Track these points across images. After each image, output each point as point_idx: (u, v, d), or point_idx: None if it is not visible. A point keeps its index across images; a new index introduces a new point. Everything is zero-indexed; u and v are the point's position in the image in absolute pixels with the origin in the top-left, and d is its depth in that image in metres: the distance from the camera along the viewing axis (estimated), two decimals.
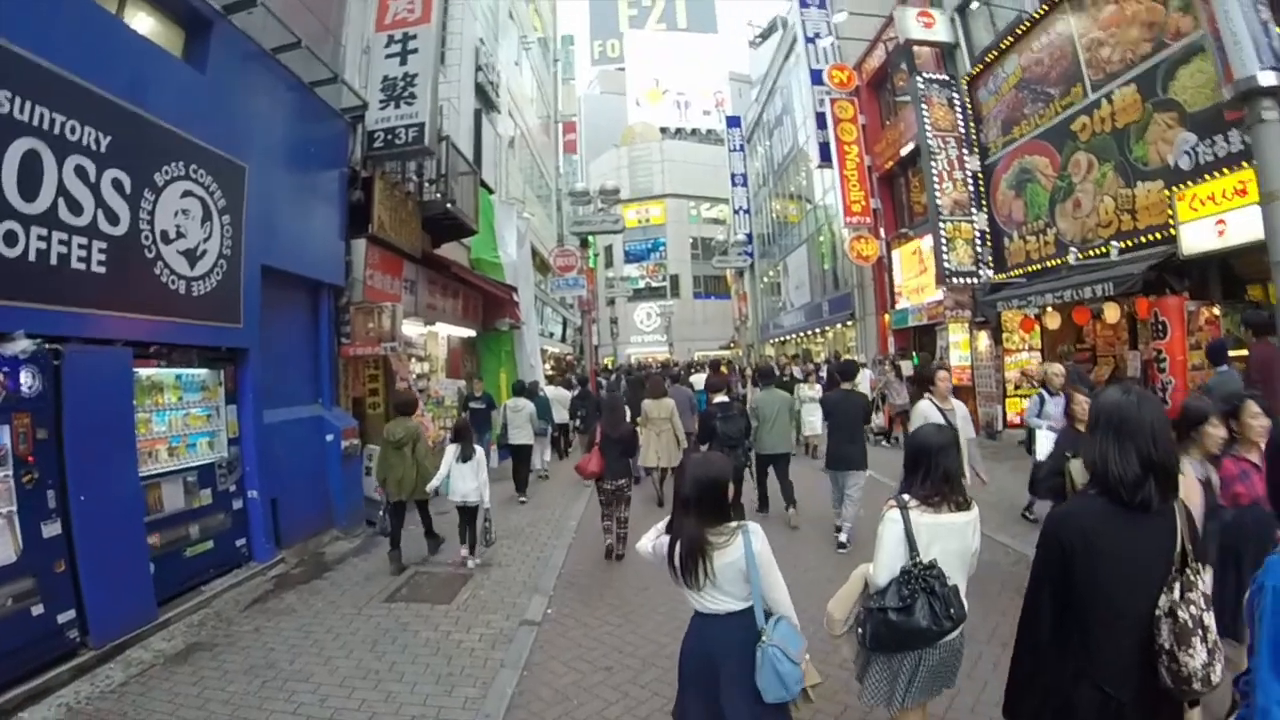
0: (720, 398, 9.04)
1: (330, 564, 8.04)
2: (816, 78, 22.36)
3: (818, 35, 22.80)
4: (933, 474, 3.03)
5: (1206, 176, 9.50)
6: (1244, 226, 8.84)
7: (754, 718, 2.86)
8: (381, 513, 7.75)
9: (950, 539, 2.99)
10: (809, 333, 31.38)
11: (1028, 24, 13.09)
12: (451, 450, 7.58)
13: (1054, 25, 12.58)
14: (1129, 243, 10.96)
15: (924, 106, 15.27)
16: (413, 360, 12.29)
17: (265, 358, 7.96)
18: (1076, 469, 4.51)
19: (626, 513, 8.09)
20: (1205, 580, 2.26)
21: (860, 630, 3.03)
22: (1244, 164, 8.88)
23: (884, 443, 14.77)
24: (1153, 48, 10.52)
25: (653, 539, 3.18)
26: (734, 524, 2.94)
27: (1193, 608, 2.16)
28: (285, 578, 7.51)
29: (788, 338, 34.80)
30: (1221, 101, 9.15)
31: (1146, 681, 2.21)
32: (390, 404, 10.27)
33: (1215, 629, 2.18)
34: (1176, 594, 2.18)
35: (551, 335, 28.22)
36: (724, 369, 16.91)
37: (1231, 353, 8.00)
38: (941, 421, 6.01)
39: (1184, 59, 9.97)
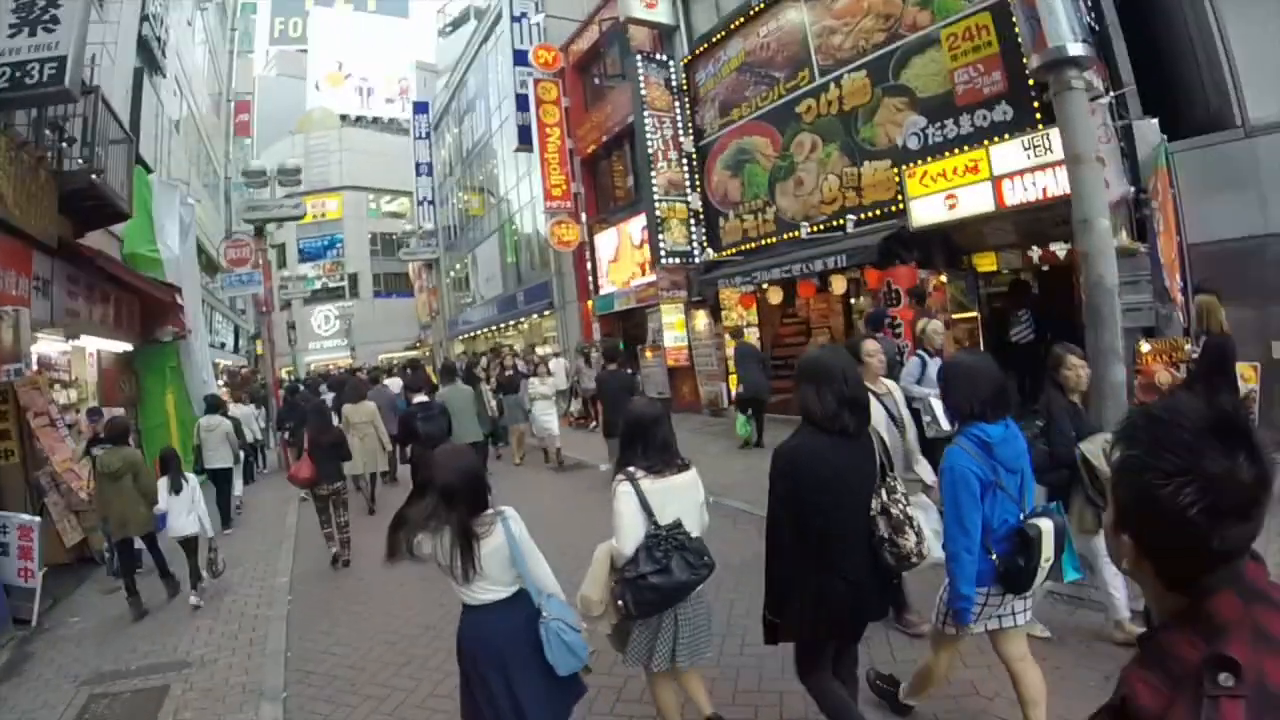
0: (420, 397, 8.43)
1: None
2: (521, 59, 20.18)
3: (524, 15, 20.63)
4: (651, 444, 3.02)
5: (937, 156, 9.36)
6: (974, 200, 8.84)
7: (550, 697, 2.76)
8: (107, 554, 6.64)
9: (681, 498, 3.02)
10: (499, 326, 28.88)
11: (756, 9, 12.23)
12: (163, 484, 6.42)
13: (783, 13, 11.97)
14: (860, 217, 10.46)
15: (641, 86, 13.88)
16: (55, 387, 8.55)
17: None
18: (1095, 451, 3.59)
19: (347, 516, 7.38)
20: (901, 484, 2.92)
21: (621, 602, 2.93)
22: (973, 145, 8.91)
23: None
24: (887, 38, 10.24)
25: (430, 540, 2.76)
26: (492, 511, 2.78)
27: (899, 505, 2.79)
28: None
29: (478, 333, 31.76)
30: (952, 88, 9.31)
31: (873, 565, 2.79)
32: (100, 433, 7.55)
33: (917, 520, 2.82)
34: (885, 496, 2.79)
35: (223, 346, 22.67)
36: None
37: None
38: (883, 415, 3.91)
39: (919, 49, 9.80)
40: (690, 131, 14.17)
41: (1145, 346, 7.38)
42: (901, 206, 9.78)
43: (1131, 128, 7.74)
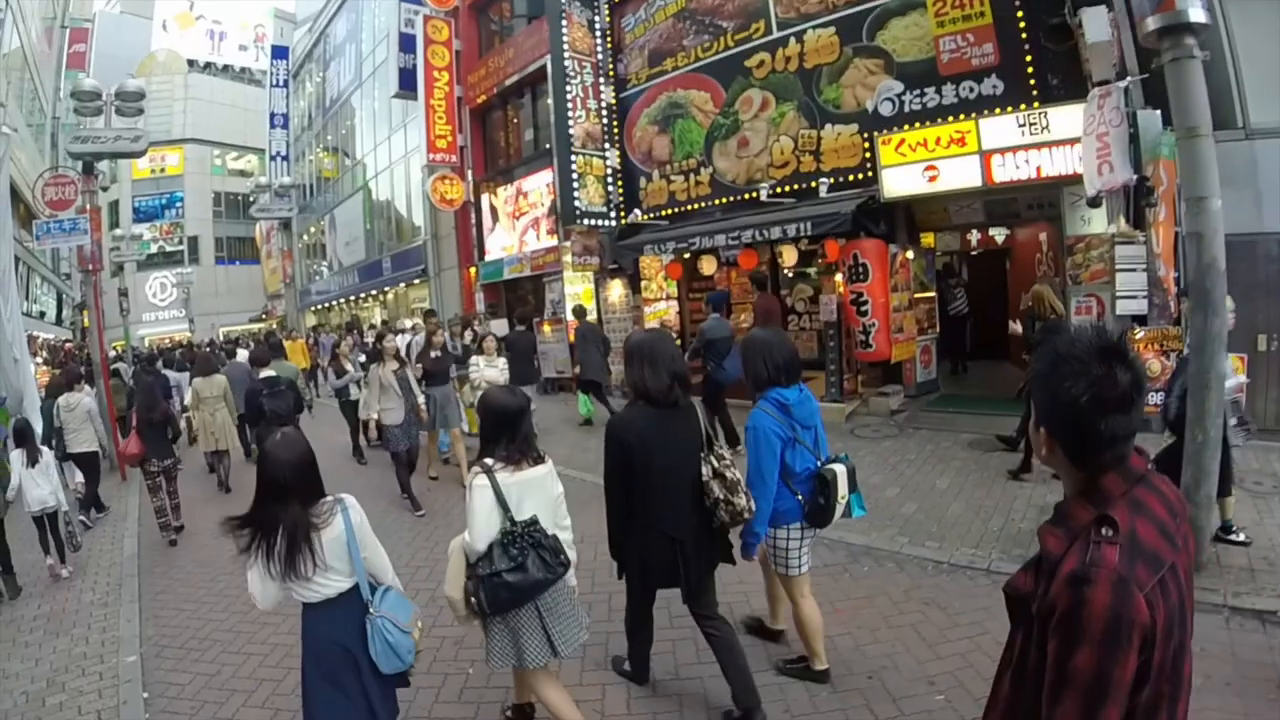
0: (267, 372, 7.76)
1: None
2: None
3: None
4: (514, 437, 2.80)
5: (912, 125, 8.19)
6: (959, 174, 7.77)
7: (385, 694, 2.61)
8: None
9: (538, 492, 2.82)
10: (358, 297, 24.96)
11: None
12: (16, 456, 5.77)
13: None
14: (830, 183, 9.01)
15: (562, 23, 11.60)
16: None
17: None
18: None
19: (176, 490, 6.85)
20: (727, 451, 3.06)
21: (474, 599, 2.69)
22: (960, 116, 7.85)
23: None
24: None
25: (259, 585, 2.50)
26: (330, 498, 2.57)
27: (730, 471, 2.95)
28: None
29: (334, 303, 27.45)
30: (935, 55, 8.13)
31: (696, 524, 2.95)
32: None
33: (742, 481, 3.01)
34: (715, 463, 2.94)
35: (43, 315, 17.65)
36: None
37: None
38: None
39: (899, 10, 8.55)
40: (611, 80, 12.07)
41: (1139, 333, 6.89)
42: (870, 175, 8.56)
43: (1136, 116, 6.92)
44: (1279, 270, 6.76)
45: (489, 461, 2.74)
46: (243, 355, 11.83)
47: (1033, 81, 7.50)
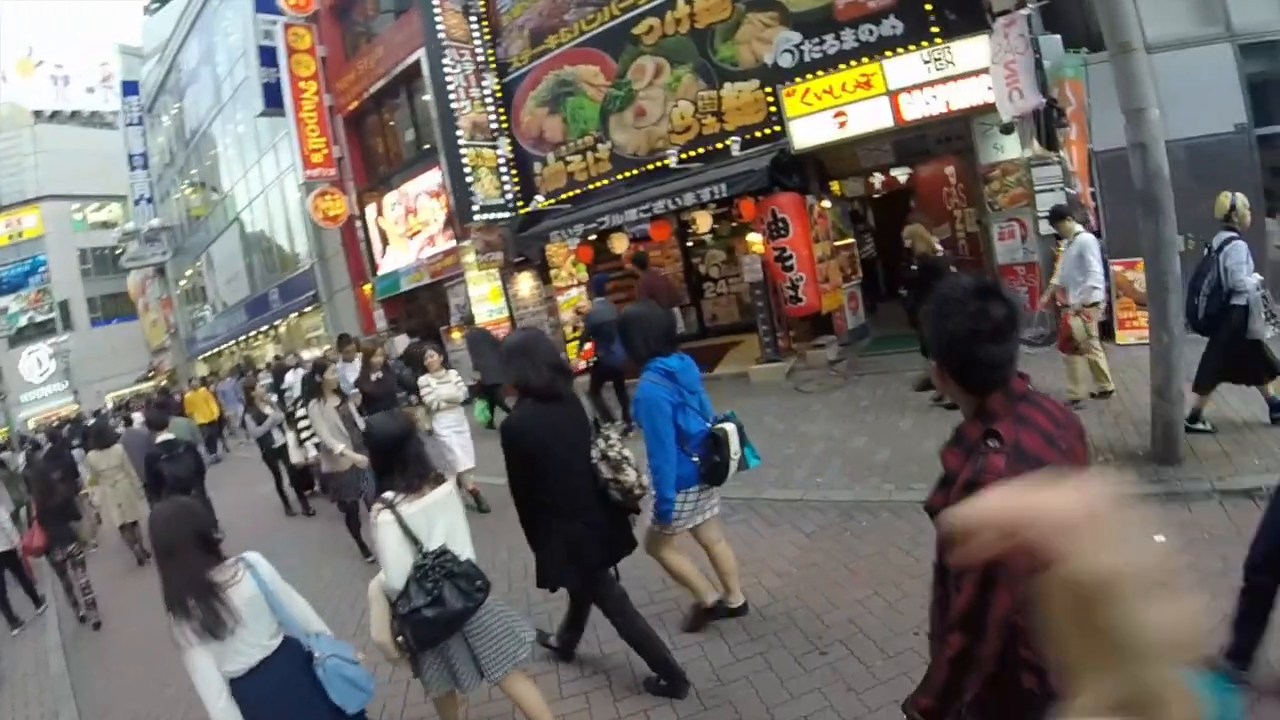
0: (165, 435, 7.02)
1: None
2: (264, 4, 15.48)
3: None
4: (406, 461, 2.66)
5: (815, 74, 7.88)
6: (869, 117, 7.56)
7: None
8: None
9: (443, 514, 2.66)
10: (249, 336, 22.71)
11: None
12: None
13: None
14: (730, 142, 8.49)
15: (435, 12, 10.68)
16: None
17: None
18: None
19: (86, 576, 6.36)
20: (615, 432, 3.07)
21: (401, 638, 2.59)
22: (863, 60, 7.60)
23: None
24: None
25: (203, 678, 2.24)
26: (231, 559, 2.42)
27: (615, 450, 2.94)
28: None
29: (223, 347, 25.00)
30: (831, 2, 7.86)
31: (602, 504, 2.94)
32: None
33: (632, 458, 2.97)
34: (602, 445, 2.95)
35: None
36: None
37: None
38: None
39: None
40: (493, 66, 11.23)
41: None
42: (776, 129, 8.19)
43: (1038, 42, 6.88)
44: (1186, 173, 6.69)
45: (389, 495, 2.59)
46: (139, 419, 10.97)
47: (933, 18, 7.27)
